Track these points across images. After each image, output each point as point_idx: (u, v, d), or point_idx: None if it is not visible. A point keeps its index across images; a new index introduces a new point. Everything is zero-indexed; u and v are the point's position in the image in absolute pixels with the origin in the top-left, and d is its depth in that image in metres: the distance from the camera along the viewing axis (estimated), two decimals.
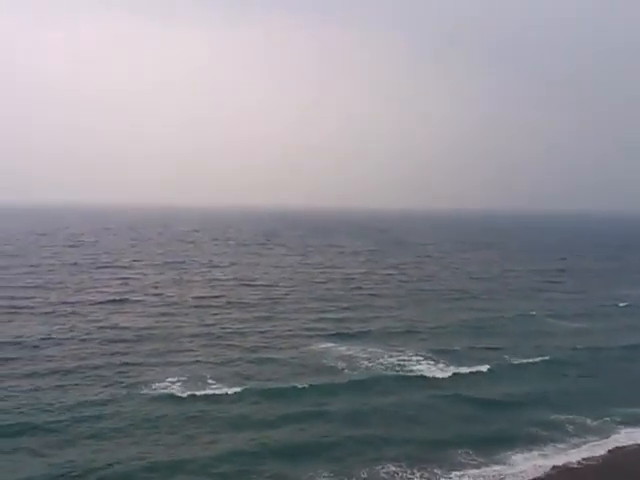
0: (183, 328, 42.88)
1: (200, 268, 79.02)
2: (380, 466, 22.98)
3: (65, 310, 47.55)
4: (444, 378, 33.11)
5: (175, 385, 30.19)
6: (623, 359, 38.68)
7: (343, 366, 34.60)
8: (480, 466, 23.43)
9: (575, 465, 23.78)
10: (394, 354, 37.05)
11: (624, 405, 29.98)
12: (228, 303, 53.41)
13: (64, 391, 29.08)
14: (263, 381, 31.74)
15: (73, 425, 25.08)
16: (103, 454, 22.76)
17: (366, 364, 35.07)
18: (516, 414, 28.67)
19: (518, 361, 36.67)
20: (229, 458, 22.92)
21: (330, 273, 76.18)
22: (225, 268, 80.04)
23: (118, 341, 38.61)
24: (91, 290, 57.84)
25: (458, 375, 33.60)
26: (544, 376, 34.41)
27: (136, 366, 33.44)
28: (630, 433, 26.93)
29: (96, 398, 28.19)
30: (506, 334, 43.91)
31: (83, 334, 39.91)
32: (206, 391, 29.54)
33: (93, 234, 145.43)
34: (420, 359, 36.22)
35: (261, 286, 63.68)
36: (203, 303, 53.00)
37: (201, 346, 38.18)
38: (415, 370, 34.17)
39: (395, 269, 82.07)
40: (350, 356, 36.56)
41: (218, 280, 67.63)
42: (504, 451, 24.78)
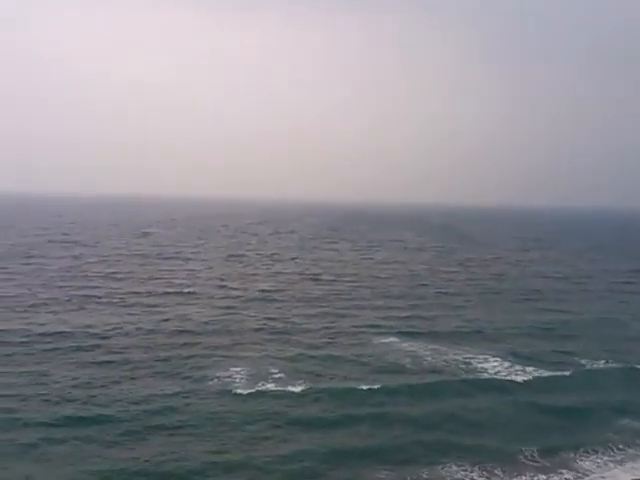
0: (247, 322, 42.84)
1: (264, 261, 79.38)
2: (441, 466, 22.27)
3: (133, 301, 48.56)
4: (516, 381, 31.53)
5: (240, 380, 30.05)
6: None
7: (409, 366, 33.61)
8: (548, 472, 22.28)
9: None
10: (463, 355, 35.69)
11: None
12: (292, 297, 53.16)
13: (133, 382, 29.39)
14: (327, 379, 31.15)
15: (142, 418, 25.20)
16: (171, 448, 22.74)
17: (432, 364, 33.94)
18: (592, 422, 27.02)
19: (596, 366, 34.62)
20: (294, 458, 22.45)
21: (394, 269, 74.97)
22: (289, 262, 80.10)
23: (184, 333, 38.92)
24: (158, 281, 58.92)
25: (531, 379, 31.94)
26: (624, 383, 32.23)
27: (202, 359, 33.55)
28: None
29: (164, 391, 28.31)
30: (582, 337, 41.59)
31: (150, 325, 40.47)
32: (270, 387, 29.20)
33: (160, 226, 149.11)
34: (490, 361, 34.70)
35: (325, 281, 63.20)
36: (267, 297, 52.95)
37: (265, 341, 37.97)
38: (486, 372, 32.77)
39: (461, 266, 79.93)
40: (416, 355, 35.50)
41: (282, 274, 67.65)
42: (578, 459, 23.40)
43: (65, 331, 37.82)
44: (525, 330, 43.20)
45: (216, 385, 29.38)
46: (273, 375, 30.96)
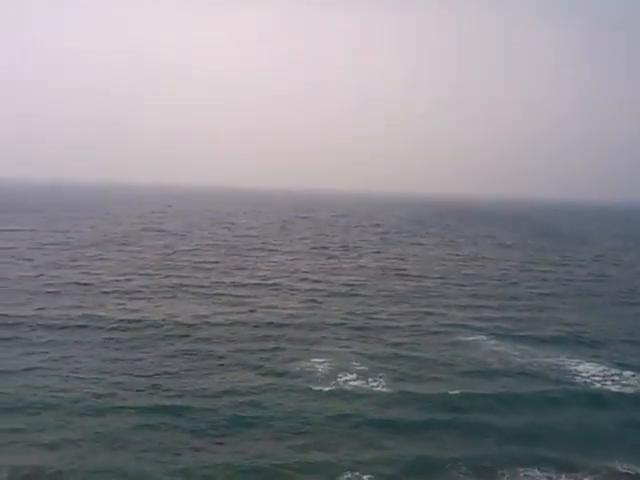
0: (330, 316, 42.12)
1: (348, 254, 78.60)
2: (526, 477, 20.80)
3: (219, 291, 49.13)
4: (616, 392, 28.87)
5: (321, 376, 29.44)
6: None
7: (498, 369, 31.78)
8: None
9: None
10: (556, 360, 33.36)
11: None
12: (376, 292, 52.01)
13: (219, 374, 29.36)
14: (411, 379, 29.91)
15: (224, 410, 25.00)
16: (251, 444, 22.41)
17: (522, 368, 31.90)
18: None
19: None
20: (376, 463, 21.45)
21: (483, 266, 72.11)
22: (373, 255, 78.88)
23: (267, 325, 38.76)
24: (243, 272, 59.48)
25: (633, 392, 29.08)
26: None
27: (284, 352, 33.23)
28: None
29: (246, 384, 28.13)
30: None
31: (235, 316, 40.59)
32: (352, 386, 28.38)
33: (246, 216, 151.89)
34: (587, 368, 32.13)
35: (410, 276, 61.53)
36: (350, 291, 52.09)
37: (348, 337, 37.14)
38: (582, 381, 30.32)
39: (554, 265, 75.75)
40: (505, 358, 33.54)
41: (366, 267, 66.64)
42: None
43: (155, 319, 38.59)
44: (628, 336, 39.88)
45: (297, 380, 28.89)
46: (355, 373, 30.08)
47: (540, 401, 27.73)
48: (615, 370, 32.10)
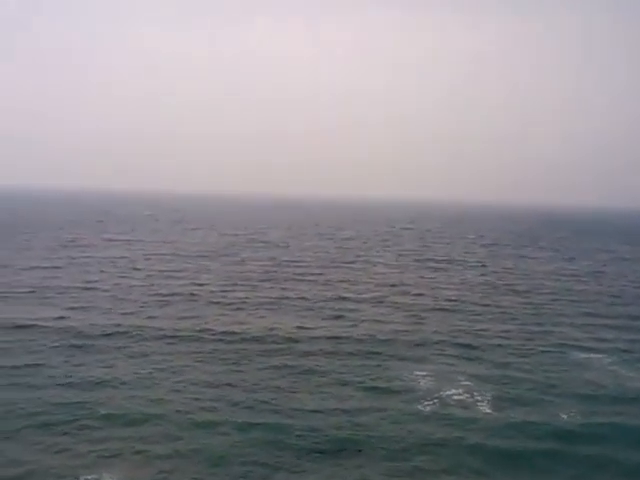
0: (434, 333, 40.64)
1: (452, 268, 76.19)
2: None
3: (321, 304, 48.92)
4: None
5: (423, 396, 28.40)
6: None
7: (616, 397, 29.17)
8: None
9: None
10: None
11: None
12: (481, 308, 49.80)
13: (320, 391, 28.90)
14: (520, 403, 28.06)
15: (323, 430, 24.40)
16: (358, 471, 21.63)
17: None
18: None
19: None
20: None
21: (599, 282, 67.23)
22: (479, 269, 75.99)
23: (367, 341, 37.98)
24: (345, 285, 59.18)
25: None
26: None
27: (385, 370, 32.35)
28: None
29: (350, 402, 27.52)
30: None
31: (337, 330, 40.12)
32: (455, 408, 27.12)
33: (346, 227, 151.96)
34: None
35: (519, 292, 58.42)
36: (455, 307, 50.19)
37: (451, 355, 35.65)
38: None
39: None
40: (625, 386, 30.76)
41: (471, 282, 64.07)
42: None
43: (257, 332, 38.94)
44: None
45: (399, 399, 28.01)
46: (459, 394, 28.78)
47: None
48: None
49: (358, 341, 37.88)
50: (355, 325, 42.04)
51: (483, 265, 80.00)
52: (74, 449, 22.12)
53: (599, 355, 35.59)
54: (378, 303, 50.62)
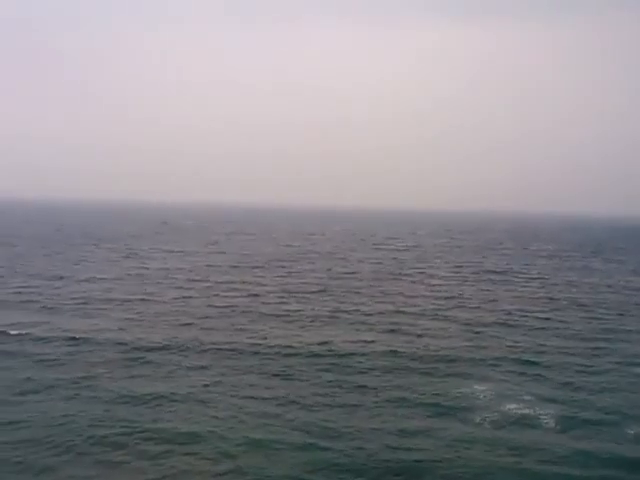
0: (491, 349, 39.30)
1: (515, 281, 73.62)
2: None
3: (375, 318, 48.17)
4: None
5: (483, 416, 27.32)
6: None
7: None
8: None
9: None
10: None
11: None
12: (544, 321, 48.03)
13: (374, 410, 28.16)
14: (586, 430, 26.47)
15: (385, 454, 23.55)
16: None
17: None
18: None
19: None
20: None
21: None
22: (538, 281, 73.54)
23: (424, 357, 36.99)
24: (400, 298, 58.27)
25: None
26: None
27: (444, 388, 31.25)
28: None
29: (404, 423, 26.64)
30: None
31: (392, 345, 39.31)
32: (518, 435, 25.81)
33: (400, 237, 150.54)
34: None
35: (583, 307, 55.97)
36: (515, 322, 48.43)
37: (511, 372, 34.33)
38: None
39: None
40: None
41: (531, 296, 61.77)
42: None
43: (310, 346, 38.56)
44: None
45: (457, 420, 27.06)
46: (519, 415, 27.55)
47: None
48: None
49: (415, 356, 37.01)
50: (412, 340, 41.15)
51: (544, 277, 77.38)
52: (132, 465, 22.20)
53: None
54: (435, 317, 49.51)
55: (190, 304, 51.68)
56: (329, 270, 78.44)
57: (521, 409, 28.32)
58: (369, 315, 49.21)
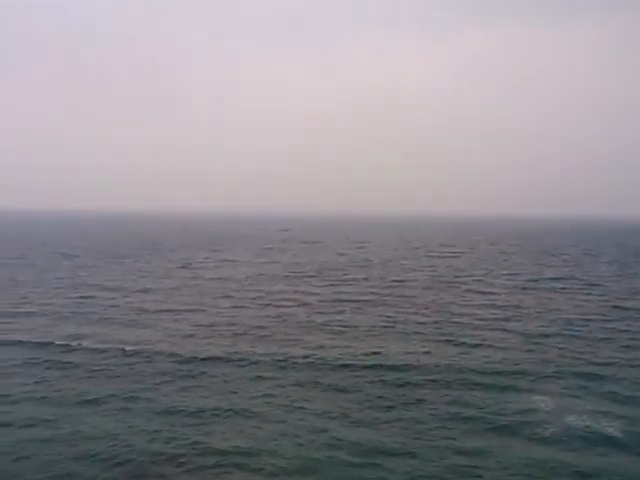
0: (552, 362, 37.65)
1: (572, 287, 71.16)
2: None
3: (430, 330, 47.10)
4: None
5: (546, 441, 25.92)
6: None
7: None
8: None
9: None
10: None
11: None
12: (608, 332, 45.90)
13: (431, 427, 27.24)
14: None
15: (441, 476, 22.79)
16: None
17: None
18: None
19: None
20: None
21: None
22: (600, 288, 70.70)
23: (481, 371, 35.67)
24: (456, 308, 56.89)
25: None
26: None
27: (501, 405, 30.02)
28: None
29: (469, 443, 25.55)
30: None
31: (447, 359, 38.21)
32: (581, 455, 24.46)
33: (457, 244, 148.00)
34: None
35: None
36: (577, 332, 46.38)
37: (574, 387, 32.70)
38: None
39: None
40: None
41: (593, 305, 59.20)
42: None
43: (362, 359, 37.90)
44: None
45: (516, 439, 25.89)
46: (584, 434, 26.05)
47: None
48: None
49: (471, 369, 35.85)
50: (468, 352, 39.99)
51: (605, 285, 74.35)
52: None
53: None
54: (492, 327, 48.05)
55: (244, 314, 51.86)
56: (383, 278, 77.62)
57: (587, 425, 26.94)
58: (423, 326, 48.08)
